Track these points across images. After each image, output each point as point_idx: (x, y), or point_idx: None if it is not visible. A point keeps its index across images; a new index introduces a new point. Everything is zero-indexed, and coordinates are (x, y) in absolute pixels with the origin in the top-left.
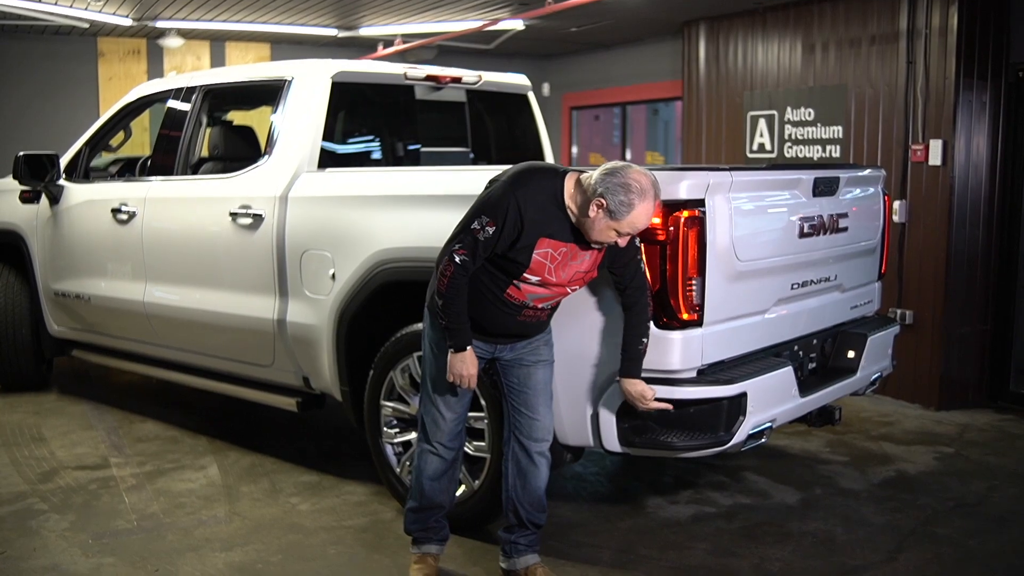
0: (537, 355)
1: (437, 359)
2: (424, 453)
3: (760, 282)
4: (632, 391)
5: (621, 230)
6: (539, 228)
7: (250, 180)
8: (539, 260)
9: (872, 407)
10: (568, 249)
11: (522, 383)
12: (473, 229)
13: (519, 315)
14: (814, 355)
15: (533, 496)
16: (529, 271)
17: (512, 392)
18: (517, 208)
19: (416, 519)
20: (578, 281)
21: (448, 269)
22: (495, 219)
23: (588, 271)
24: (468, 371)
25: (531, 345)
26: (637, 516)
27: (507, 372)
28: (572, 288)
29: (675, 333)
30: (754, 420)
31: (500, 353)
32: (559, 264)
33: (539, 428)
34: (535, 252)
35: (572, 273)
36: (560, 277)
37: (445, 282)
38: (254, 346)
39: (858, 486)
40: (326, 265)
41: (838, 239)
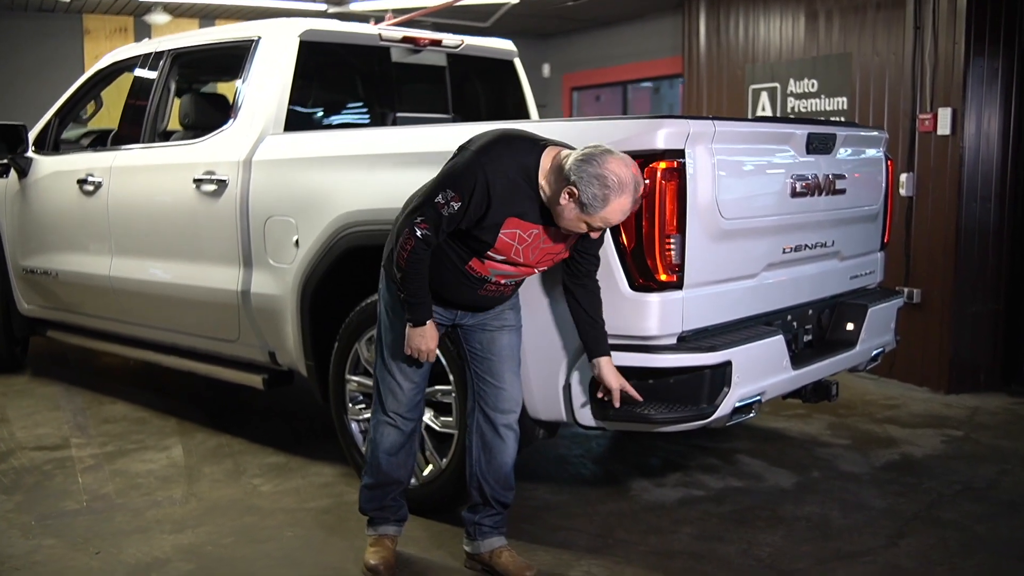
0: (502, 320)
1: (393, 324)
2: (380, 425)
3: (748, 244)
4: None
5: (592, 224)
6: (507, 207)
7: (214, 145)
8: (505, 240)
9: (877, 390)
10: (538, 231)
11: (486, 349)
12: (437, 203)
13: (480, 289)
14: (810, 327)
15: (499, 473)
16: (494, 250)
17: (475, 359)
18: (485, 184)
19: (372, 497)
20: (547, 262)
21: (409, 243)
22: (460, 194)
23: (560, 253)
24: (427, 345)
25: (495, 311)
26: (619, 499)
27: (469, 337)
28: (540, 268)
29: (652, 296)
30: (740, 392)
31: (461, 320)
32: (528, 246)
33: (505, 398)
34: (501, 232)
35: (542, 255)
36: (528, 258)
37: (405, 256)
38: (219, 320)
39: (859, 469)
40: (290, 232)
41: (835, 201)
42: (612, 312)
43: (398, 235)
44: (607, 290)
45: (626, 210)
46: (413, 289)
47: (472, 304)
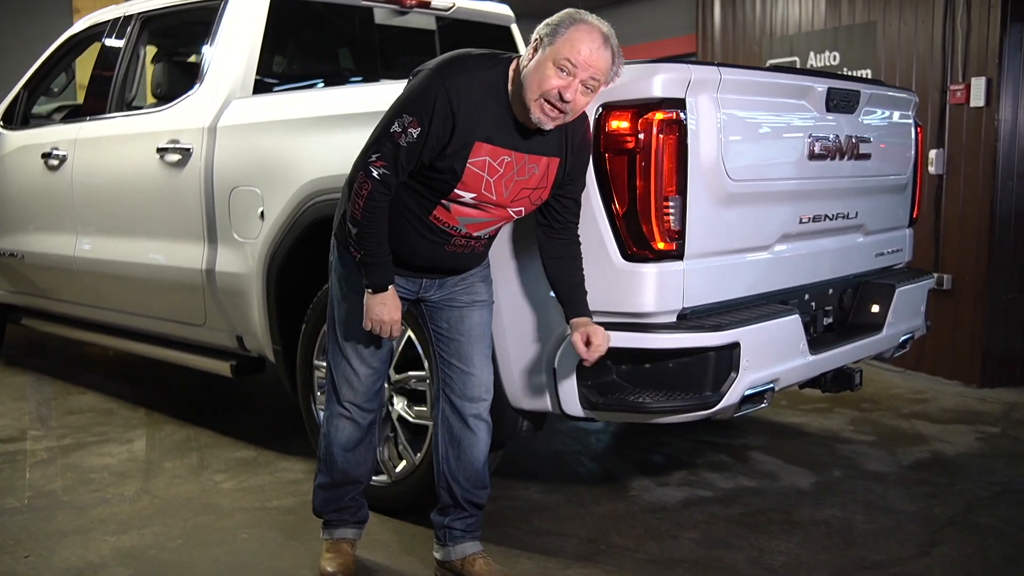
0: (471, 294)
1: (347, 300)
2: (334, 417)
3: (759, 210)
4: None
5: (559, 60)
6: (475, 129)
7: (179, 111)
8: (474, 172)
9: (904, 383)
10: (512, 158)
11: (453, 328)
12: (393, 133)
13: (448, 244)
14: (830, 308)
15: (470, 469)
16: (461, 186)
17: (441, 340)
18: (447, 101)
19: (327, 498)
20: (523, 201)
21: (364, 187)
22: (419, 117)
23: (537, 188)
24: (390, 315)
25: (464, 282)
26: (617, 500)
27: (434, 315)
28: (516, 211)
29: (648, 267)
30: (750, 378)
31: (426, 292)
32: (500, 178)
33: (474, 384)
34: (469, 161)
35: (517, 191)
36: (501, 195)
37: (361, 204)
38: (184, 303)
39: (885, 468)
40: (255, 203)
41: (859, 167)
42: (602, 286)
43: (351, 183)
44: (596, 261)
45: (597, 46)
46: (371, 246)
47: (440, 265)
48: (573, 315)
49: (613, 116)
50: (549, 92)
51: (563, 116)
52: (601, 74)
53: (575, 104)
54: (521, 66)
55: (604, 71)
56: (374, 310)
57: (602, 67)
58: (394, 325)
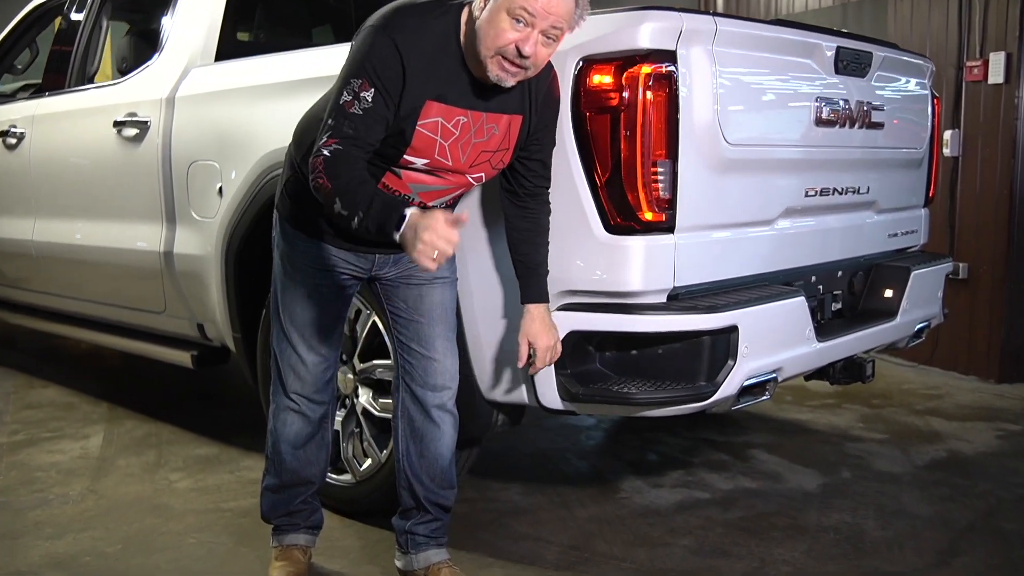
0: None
1: (291, 280)
2: (281, 411)
3: (760, 180)
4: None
5: (514, 9)
6: (425, 86)
7: (138, 83)
8: (425, 135)
9: (916, 378)
10: (468, 118)
11: (412, 308)
12: (343, 104)
13: None
14: (839, 292)
15: (434, 467)
16: (411, 151)
17: (399, 322)
18: (396, 54)
19: (276, 501)
20: (483, 166)
21: (318, 172)
22: (369, 78)
23: (499, 150)
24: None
25: None
26: (605, 502)
27: (391, 295)
28: (476, 177)
29: (634, 239)
30: (749, 367)
31: (380, 269)
32: (456, 141)
33: (437, 371)
34: (419, 123)
35: (475, 155)
36: (458, 160)
37: (322, 182)
38: (143, 288)
39: (899, 469)
40: (213, 178)
41: (871, 137)
42: (581, 261)
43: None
44: (575, 233)
45: None
46: (362, 199)
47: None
48: (525, 299)
49: (594, 70)
50: (506, 48)
51: (524, 72)
52: (563, 21)
53: (536, 58)
54: (473, 15)
55: (566, 17)
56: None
57: (563, 13)
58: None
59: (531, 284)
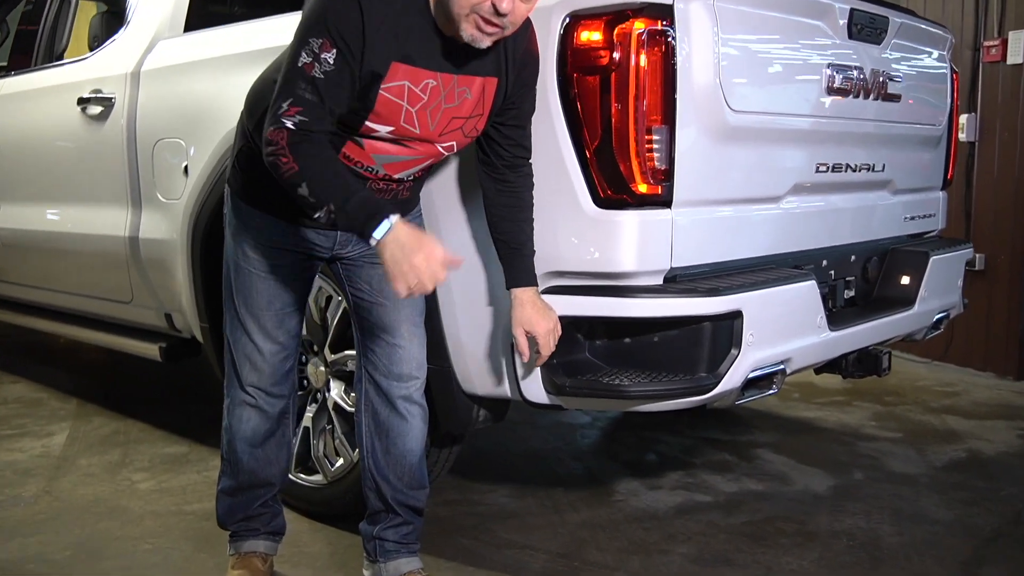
0: None
1: (245, 259)
2: (237, 406)
3: (767, 152)
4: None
5: None
6: (390, 46)
7: (103, 58)
8: (389, 100)
9: (931, 374)
10: (437, 81)
11: (375, 290)
12: (302, 67)
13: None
14: (852, 279)
15: (402, 465)
16: (375, 118)
17: (361, 305)
18: (358, 9)
19: (233, 505)
20: (455, 134)
21: (280, 147)
22: (331, 36)
23: (472, 116)
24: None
25: None
26: (598, 505)
27: (353, 275)
28: (446, 147)
29: (626, 214)
30: (755, 357)
31: (341, 248)
32: (424, 107)
33: (402, 359)
34: (384, 87)
35: (446, 121)
36: (426, 127)
37: (285, 163)
38: (109, 276)
39: (915, 470)
40: (179, 157)
41: (887, 110)
42: (568, 239)
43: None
44: (561, 208)
45: None
46: (334, 189)
47: None
48: (511, 284)
49: (582, 27)
50: (481, 5)
51: (501, 31)
52: None
53: (514, 15)
54: None
55: None
56: (397, 263)
57: None
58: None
59: (516, 266)
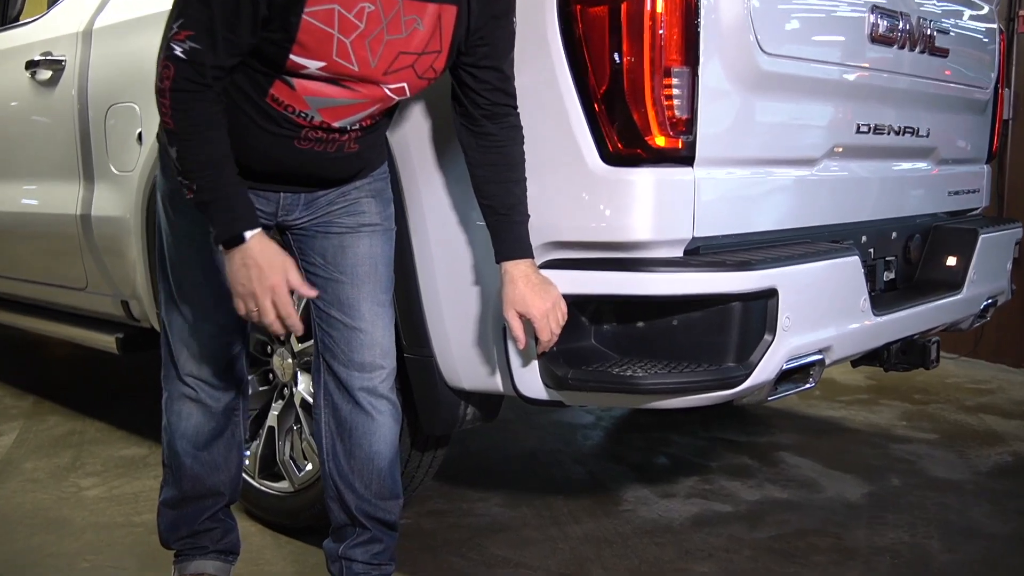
0: (355, 214)
1: (177, 227)
2: (176, 400)
3: (803, 105)
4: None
5: None
6: None
7: (55, 17)
8: (316, 27)
9: (960, 371)
10: (376, 6)
11: (330, 264)
12: None
13: (297, 139)
14: (893, 259)
15: (368, 470)
16: (299, 50)
17: (315, 282)
18: None
19: (177, 519)
20: (404, 74)
21: (166, 77)
22: None
23: (426, 53)
24: (272, 280)
25: (345, 198)
26: (604, 516)
27: (305, 247)
28: (395, 89)
29: (641, 172)
30: (793, 344)
31: (288, 214)
32: (361, 37)
33: (363, 344)
34: (307, 10)
35: (391, 57)
36: (366, 64)
37: (168, 104)
38: (62, 260)
39: (958, 475)
40: (133, 123)
41: (933, 66)
42: (571, 202)
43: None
44: (562, 165)
45: None
46: (206, 173)
47: (295, 171)
48: (501, 256)
49: None
50: None
51: None
52: None
53: None
54: None
55: None
56: (238, 280)
57: None
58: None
59: (505, 235)
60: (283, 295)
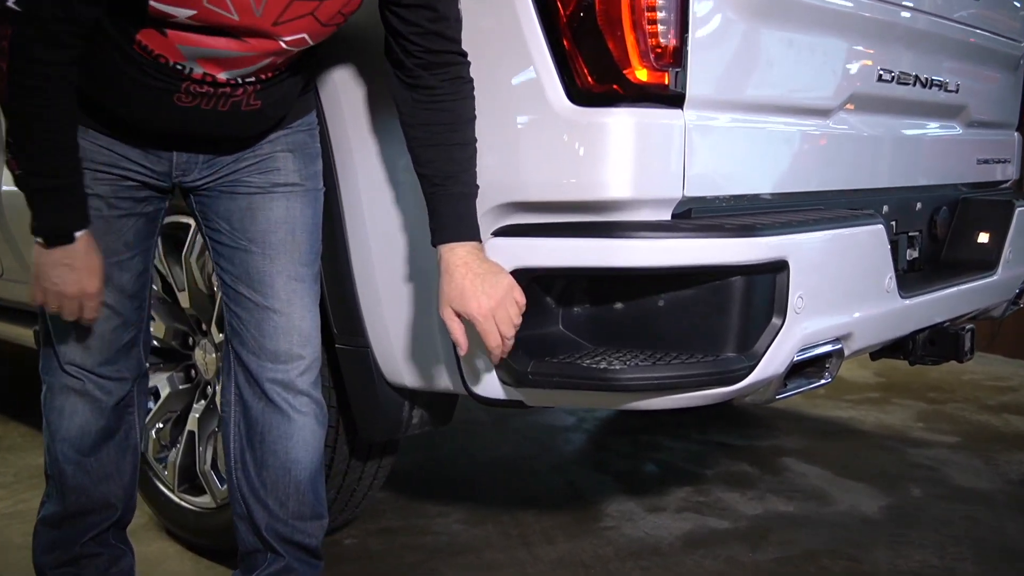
0: (268, 171)
1: None
2: (57, 394)
3: (817, 41)
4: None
5: None
6: None
7: None
8: None
9: (977, 367)
10: None
11: (237, 230)
12: None
13: (177, 93)
14: (917, 234)
15: (284, 484)
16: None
17: (221, 253)
18: None
19: (55, 541)
20: (302, 24)
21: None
22: None
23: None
24: (79, 286)
25: (256, 153)
26: (582, 535)
27: (209, 210)
28: (290, 41)
29: (619, 114)
30: (806, 329)
31: (186, 175)
32: None
33: (278, 328)
34: None
35: (281, 5)
36: (249, 14)
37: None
38: None
39: (987, 484)
40: None
41: (964, 6)
42: (530, 153)
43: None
44: (519, 105)
45: None
46: (40, 155)
47: (179, 129)
48: (438, 239)
49: None
50: None
51: None
52: None
53: None
54: None
55: None
56: (49, 276)
57: None
58: (88, 303)
59: (442, 212)
60: (96, 303)
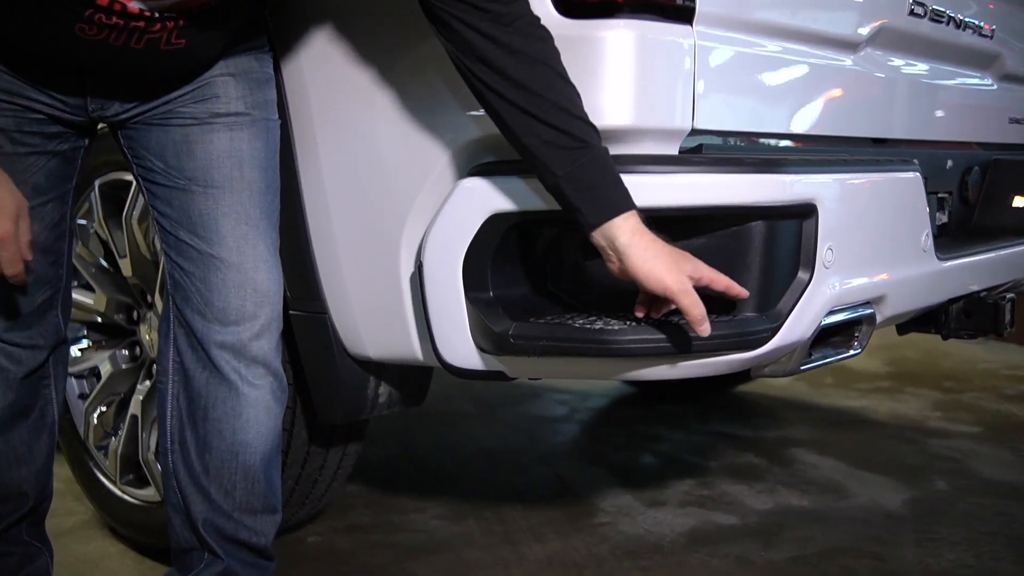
0: (206, 99)
1: None
2: None
3: None
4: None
5: None
6: None
7: None
8: None
9: (991, 355)
10: None
11: (175, 168)
12: None
13: (81, 25)
14: (947, 195)
15: (230, 470)
16: None
17: (156, 195)
18: None
19: None
20: None
21: None
22: None
23: None
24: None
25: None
26: (574, 532)
27: (137, 146)
28: None
29: (616, 26)
30: (836, 288)
31: (105, 111)
32: None
33: (226, 282)
34: None
35: None
36: None
37: None
38: None
39: (1016, 476)
40: None
41: None
42: None
43: None
44: None
45: None
46: None
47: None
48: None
49: None
50: None
51: None
52: None
53: None
54: None
55: None
56: None
57: None
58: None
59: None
60: (11, 247)
